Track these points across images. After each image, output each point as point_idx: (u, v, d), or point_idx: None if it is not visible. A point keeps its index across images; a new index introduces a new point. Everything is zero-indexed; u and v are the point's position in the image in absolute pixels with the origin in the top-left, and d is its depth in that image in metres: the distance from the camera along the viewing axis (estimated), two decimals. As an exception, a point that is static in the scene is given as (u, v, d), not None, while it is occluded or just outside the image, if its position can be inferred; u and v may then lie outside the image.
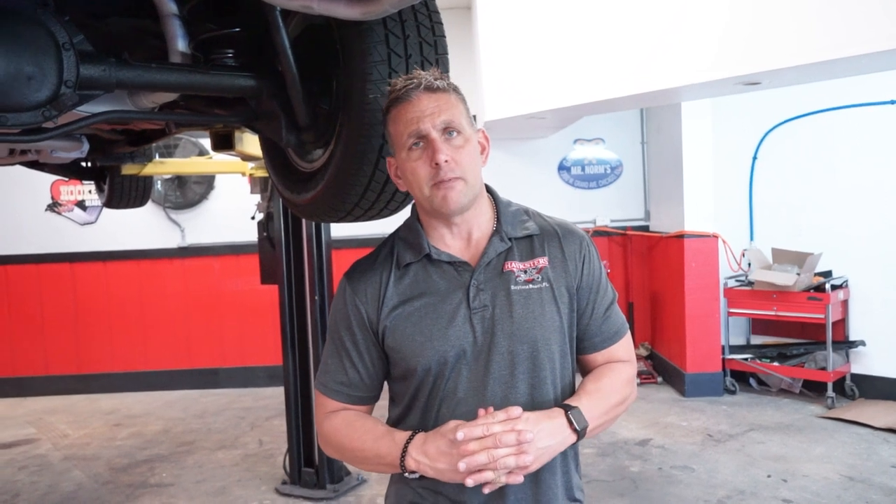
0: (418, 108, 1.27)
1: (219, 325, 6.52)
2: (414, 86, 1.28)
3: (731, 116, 5.64)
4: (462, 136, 1.29)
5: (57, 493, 4.22)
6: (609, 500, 3.76)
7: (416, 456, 1.24)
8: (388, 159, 1.40)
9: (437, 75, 1.31)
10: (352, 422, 1.36)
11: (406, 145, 1.29)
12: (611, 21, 3.92)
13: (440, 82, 1.30)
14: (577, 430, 1.25)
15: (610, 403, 1.34)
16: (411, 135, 1.28)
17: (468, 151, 1.30)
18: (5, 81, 1.32)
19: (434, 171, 1.27)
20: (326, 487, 3.96)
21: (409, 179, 1.32)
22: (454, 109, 1.30)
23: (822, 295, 5.04)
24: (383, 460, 1.29)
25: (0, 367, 6.54)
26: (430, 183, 1.28)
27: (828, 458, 4.18)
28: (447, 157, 1.26)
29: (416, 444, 1.25)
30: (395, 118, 1.31)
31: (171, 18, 1.60)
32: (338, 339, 1.39)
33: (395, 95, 1.30)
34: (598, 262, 1.42)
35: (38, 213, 6.51)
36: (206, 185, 6.49)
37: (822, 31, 2.98)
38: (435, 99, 1.28)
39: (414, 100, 1.28)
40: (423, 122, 1.27)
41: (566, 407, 1.27)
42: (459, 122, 1.29)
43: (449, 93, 1.31)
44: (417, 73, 1.31)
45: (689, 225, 5.52)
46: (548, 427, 1.23)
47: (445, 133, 1.28)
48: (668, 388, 5.85)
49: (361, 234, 5.77)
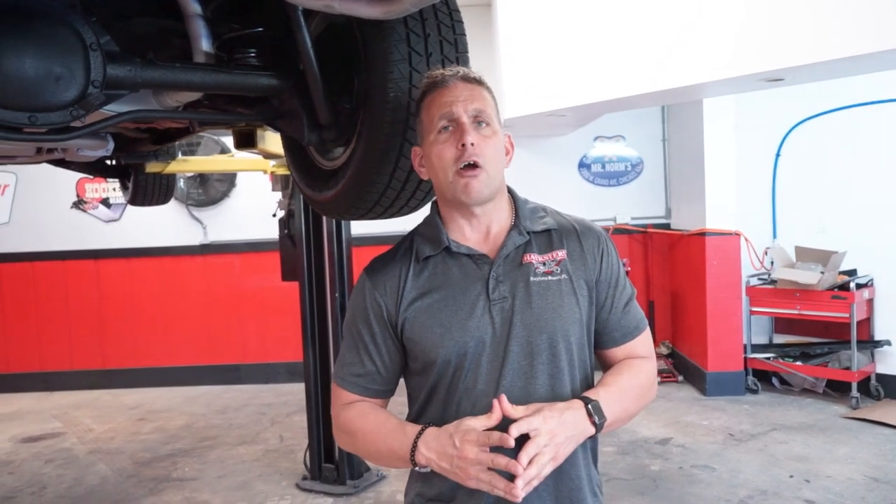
0: (454, 93, 1.32)
1: (240, 322, 6.58)
2: (452, 73, 1.34)
3: (754, 113, 5.57)
4: (490, 129, 1.33)
5: (82, 486, 4.29)
6: (629, 499, 3.74)
7: (425, 451, 1.25)
8: (414, 149, 1.42)
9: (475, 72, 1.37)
10: (366, 414, 1.37)
11: (436, 128, 1.32)
12: (632, 17, 3.90)
13: (477, 75, 1.36)
14: (596, 424, 1.26)
15: (629, 399, 1.34)
16: (443, 117, 1.31)
17: (493, 144, 1.32)
18: (35, 81, 1.34)
19: (459, 153, 1.29)
20: (347, 483, 3.99)
21: (434, 164, 1.33)
22: (486, 102, 1.34)
23: (846, 294, 4.98)
24: (395, 454, 1.30)
25: (27, 363, 6.66)
26: (453, 168, 1.30)
27: (852, 458, 4.13)
28: (474, 141, 1.29)
29: (425, 438, 1.26)
30: (429, 103, 1.35)
31: (196, 18, 1.62)
32: (355, 333, 1.40)
33: (432, 81, 1.35)
34: (617, 258, 1.42)
35: (63, 210, 6.62)
36: (227, 183, 6.55)
37: (847, 26, 2.93)
38: (470, 88, 1.33)
39: (451, 86, 1.32)
40: (456, 105, 1.30)
41: (585, 399, 1.27)
42: (490, 115, 1.33)
43: (483, 87, 1.35)
44: (455, 66, 1.37)
45: (711, 223, 5.47)
46: (570, 418, 1.23)
47: (475, 121, 1.31)
48: (688, 386, 5.81)
49: (381, 232, 5.77)
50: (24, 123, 1.38)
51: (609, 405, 1.28)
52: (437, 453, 1.23)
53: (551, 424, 1.20)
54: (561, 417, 1.22)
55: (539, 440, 1.18)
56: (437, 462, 1.23)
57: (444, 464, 1.22)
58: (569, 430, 1.22)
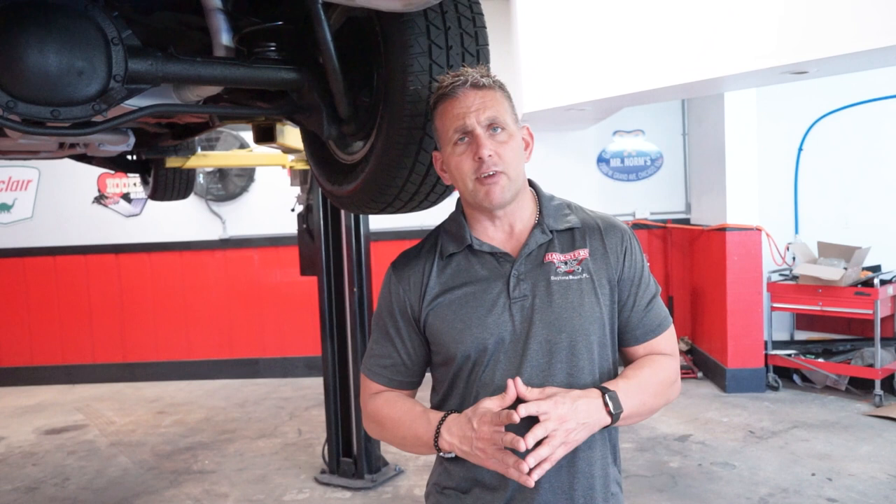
0: (464, 104, 1.31)
1: (259, 316, 6.62)
2: (460, 83, 1.31)
3: (776, 106, 5.50)
4: (506, 132, 1.32)
5: (104, 477, 4.34)
6: (648, 496, 3.72)
7: (447, 437, 1.28)
8: (434, 153, 1.44)
9: (484, 72, 1.34)
10: (393, 402, 1.41)
11: (451, 140, 1.33)
12: (652, 9, 3.86)
13: (486, 79, 1.33)
14: (612, 413, 1.26)
15: (648, 393, 1.34)
16: (457, 130, 1.31)
17: (512, 147, 1.32)
18: (57, 76, 1.35)
19: (477, 164, 1.30)
20: (364, 477, 4.00)
21: (454, 174, 1.35)
22: (499, 106, 1.32)
23: (870, 290, 4.91)
24: (420, 440, 1.33)
25: (50, 356, 6.75)
26: (473, 177, 1.31)
27: (875, 457, 4.08)
28: (490, 152, 1.29)
29: (447, 424, 1.29)
30: (441, 114, 1.34)
31: (216, 13, 1.62)
32: (382, 325, 1.44)
33: (442, 92, 1.34)
34: (641, 256, 1.42)
35: (85, 205, 6.69)
36: (246, 178, 6.58)
37: (873, 17, 2.88)
38: (481, 96, 1.31)
39: (460, 96, 1.31)
40: (469, 117, 1.30)
41: (603, 389, 1.28)
42: (504, 119, 1.32)
43: (494, 90, 1.34)
44: (464, 70, 1.34)
45: (732, 218, 5.41)
46: (583, 405, 1.24)
47: (490, 129, 1.31)
48: (708, 383, 5.76)
49: (400, 227, 5.78)
50: (47, 118, 1.39)
51: (627, 397, 1.29)
52: (458, 437, 1.26)
53: (562, 409, 1.21)
54: (573, 404, 1.23)
55: (548, 424, 1.19)
56: (459, 446, 1.26)
57: (465, 447, 1.25)
58: (581, 416, 1.23)
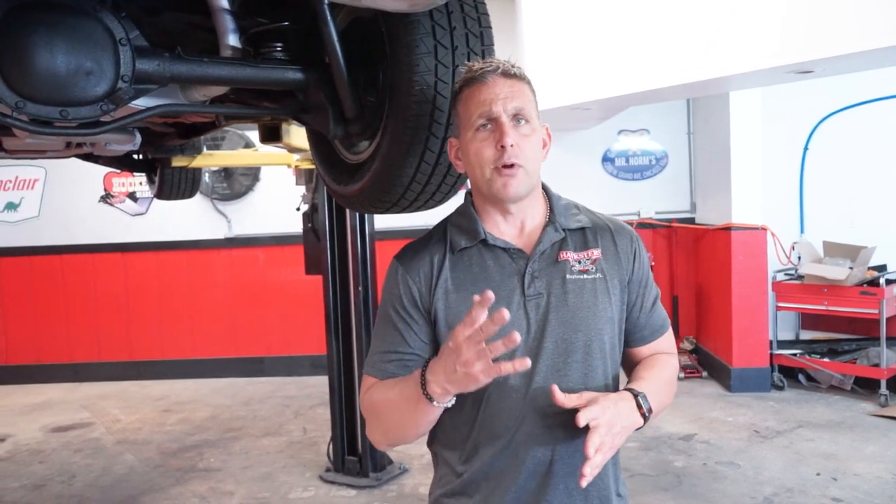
0: (493, 90, 1.29)
1: (264, 315, 6.64)
2: (491, 69, 1.30)
3: (781, 106, 5.49)
4: (530, 126, 1.31)
5: (110, 475, 4.36)
6: (652, 495, 3.72)
7: (433, 378, 1.20)
8: (450, 140, 1.41)
9: (514, 64, 1.33)
10: (386, 387, 1.34)
11: (474, 125, 1.30)
12: (658, 8, 3.85)
13: (517, 70, 1.32)
14: (645, 415, 1.26)
15: (664, 392, 1.36)
16: (482, 115, 1.28)
17: (533, 142, 1.31)
18: (66, 76, 1.36)
19: (499, 153, 1.27)
20: (369, 476, 4.01)
21: (472, 160, 1.32)
22: (526, 99, 1.31)
23: (875, 290, 4.90)
24: (412, 402, 1.25)
25: (57, 354, 6.78)
26: (492, 166, 1.29)
27: (880, 457, 4.07)
28: (513, 142, 1.27)
29: (430, 368, 1.22)
30: (466, 98, 1.32)
31: (222, 13, 1.63)
32: (388, 319, 1.37)
33: (471, 76, 1.32)
34: (647, 259, 1.44)
35: (91, 204, 6.71)
36: (252, 177, 6.60)
37: (878, 16, 2.87)
38: (510, 84, 1.30)
39: (489, 82, 1.29)
40: (496, 104, 1.28)
41: (633, 391, 1.28)
42: (529, 112, 1.31)
43: (524, 82, 1.33)
44: (495, 59, 1.33)
45: (737, 217, 5.40)
46: (625, 409, 1.24)
47: (514, 119, 1.29)
48: (713, 382, 5.75)
49: (405, 226, 5.79)
50: (56, 118, 1.40)
51: (652, 397, 1.29)
52: (443, 373, 1.19)
53: (609, 415, 1.20)
54: (616, 408, 1.22)
55: (601, 430, 1.17)
56: (447, 382, 1.19)
57: (453, 377, 1.17)
58: (624, 420, 1.23)
